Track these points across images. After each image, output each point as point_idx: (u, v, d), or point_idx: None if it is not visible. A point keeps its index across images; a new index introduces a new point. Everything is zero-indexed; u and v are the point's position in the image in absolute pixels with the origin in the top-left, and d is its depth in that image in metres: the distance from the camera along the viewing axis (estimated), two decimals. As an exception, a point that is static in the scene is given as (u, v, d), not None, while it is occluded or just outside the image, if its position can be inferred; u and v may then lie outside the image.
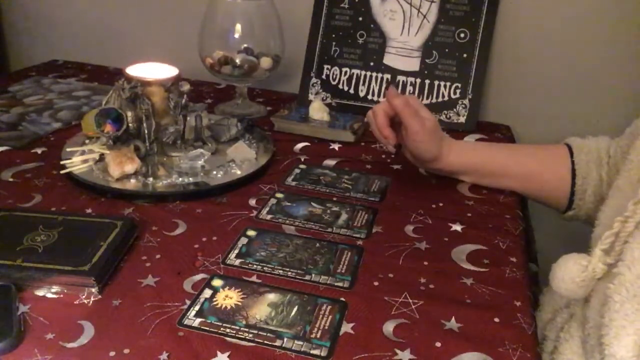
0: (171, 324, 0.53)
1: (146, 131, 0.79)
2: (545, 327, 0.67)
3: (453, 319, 0.56)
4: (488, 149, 0.84)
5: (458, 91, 1.04)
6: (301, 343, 0.52)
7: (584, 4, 1.04)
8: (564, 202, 0.78)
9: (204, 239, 0.67)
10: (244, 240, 0.67)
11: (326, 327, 0.54)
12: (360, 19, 1.08)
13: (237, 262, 0.63)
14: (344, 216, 0.73)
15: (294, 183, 0.81)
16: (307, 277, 0.61)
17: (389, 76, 1.07)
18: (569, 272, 0.57)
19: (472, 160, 0.80)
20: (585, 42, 1.06)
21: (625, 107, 1.07)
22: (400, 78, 1.07)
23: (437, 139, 0.77)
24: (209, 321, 0.54)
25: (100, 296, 0.57)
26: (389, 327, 0.54)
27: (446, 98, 1.04)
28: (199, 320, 0.54)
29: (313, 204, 0.76)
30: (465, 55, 1.04)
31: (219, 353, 0.50)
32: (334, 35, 1.09)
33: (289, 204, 0.75)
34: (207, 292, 0.58)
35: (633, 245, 0.53)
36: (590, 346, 0.55)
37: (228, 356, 0.50)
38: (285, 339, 0.52)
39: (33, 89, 1.12)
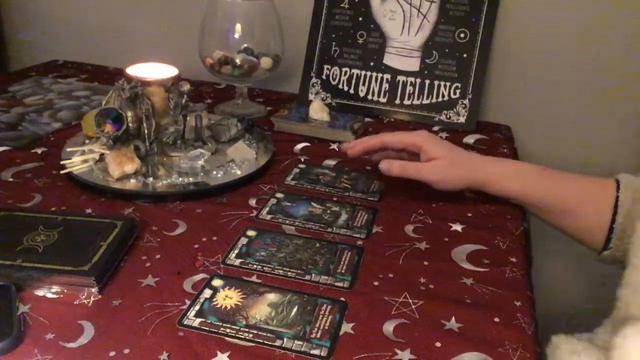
0: (171, 324, 0.53)
1: (146, 131, 0.79)
2: None
3: (453, 319, 0.56)
4: (527, 180, 0.76)
5: (458, 91, 1.04)
6: (301, 343, 0.52)
7: (584, 4, 1.04)
8: (601, 239, 0.71)
9: (204, 239, 0.67)
10: (244, 240, 0.67)
11: (326, 327, 0.54)
12: (360, 19, 1.08)
13: (237, 262, 0.63)
14: (344, 216, 0.73)
15: (293, 183, 0.81)
16: (307, 277, 0.61)
17: (389, 76, 1.07)
18: None
19: (508, 192, 0.76)
20: (585, 42, 1.06)
21: (625, 107, 1.07)
22: (400, 78, 1.07)
23: (459, 174, 0.75)
24: (209, 321, 0.54)
25: (100, 296, 0.57)
26: (389, 327, 0.54)
27: (446, 98, 1.04)
28: (199, 320, 0.54)
29: (313, 203, 0.76)
30: (465, 55, 1.04)
31: (219, 353, 0.50)
32: (334, 35, 1.09)
33: (289, 204, 0.75)
34: (207, 292, 0.58)
35: None
36: None
37: (228, 356, 0.50)
38: (285, 339, 0.52)
39: (33, 89, 1.12)
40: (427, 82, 1.05)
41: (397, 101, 1.06)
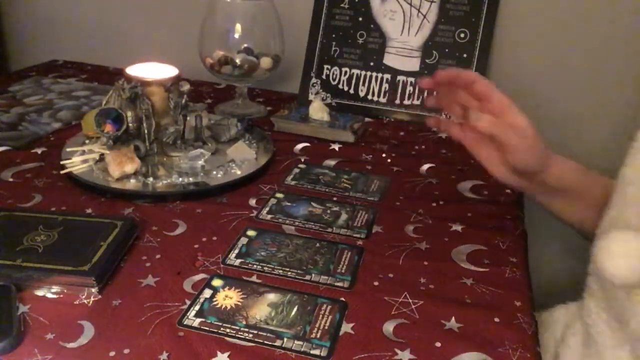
0: (171, 324, 0.53)
1: (146, 131, 0.79)
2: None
3: (453, 319, 0.56)
4: (590, 172, 0.72)
5: (458, 91, 1.04)
6: (301, 343, 0.52)
7: (584, 5, 1.04)
8: None
9: (204, 239, 0.67)
10: (244, 240, 0.67)
11: (326, 327, 0.54)
12: (360, 19, 1.08)
13: (237, 262, 0.63)
14: (344, 216, 0.73)
15: (293, 183, 0.81)
16: (307, 277, 0.61)
17: (389, 76, 1.07)
18: (634, 249, 0.50)
19: (573, 177, 0.70)
20: (585, 43, 1.06)
21: (625, 107, 1.07)
22: (400, 78, 1.07)
23: (541, 146, 0.66)
24: (209, 321, 0.54)
25: (100, 296, 0.57)
26: (389, 327, 0.54)
27: (446, 98, 1.04)
28: (199, 320, 0.54)
29: (313, 203, 0.76)
30: (465, 55, 1.04)
31: (219, 353, 0.50)
32: (334, 35, 1.09)
33: (289, 203, 0.75)
34: (207, 292, 0.58)
35: None
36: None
37: (228, 356, 0.50)
38: (285, 339, 0.52)
39: (33, 89, 1.12)
40: (427, 82, 1.05)
41: (397, 101, 1.06)
